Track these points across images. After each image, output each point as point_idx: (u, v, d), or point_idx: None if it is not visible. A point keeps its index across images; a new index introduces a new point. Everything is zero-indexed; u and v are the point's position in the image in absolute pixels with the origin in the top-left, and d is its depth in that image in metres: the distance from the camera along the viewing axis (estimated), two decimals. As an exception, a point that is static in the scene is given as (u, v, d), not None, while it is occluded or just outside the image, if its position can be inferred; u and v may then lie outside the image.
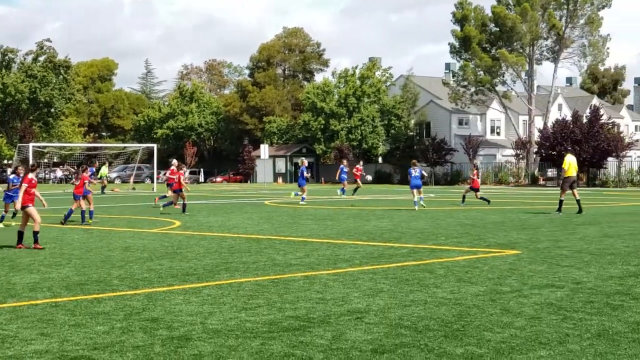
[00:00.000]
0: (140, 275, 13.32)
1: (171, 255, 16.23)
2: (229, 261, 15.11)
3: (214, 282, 12.44)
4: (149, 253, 16.60)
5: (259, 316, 9.71)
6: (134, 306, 10.43)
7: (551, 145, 74.86)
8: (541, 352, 7.86)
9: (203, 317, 9.64)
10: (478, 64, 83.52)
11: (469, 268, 13.94)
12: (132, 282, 12.50)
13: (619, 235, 19.94)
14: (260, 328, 9.04)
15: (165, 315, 9.82)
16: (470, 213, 29.52)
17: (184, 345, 8.23)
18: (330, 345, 8.22)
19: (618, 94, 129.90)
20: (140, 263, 14.92)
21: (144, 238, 20.21)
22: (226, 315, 9.79)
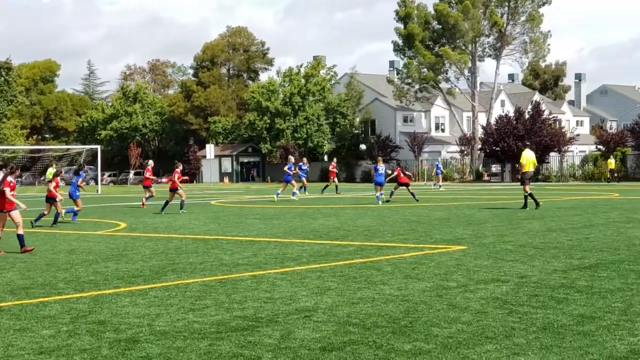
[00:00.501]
0: (86, 278, 13.19)
1: (117, 257, 16.09)
2: (175, 262, 15.02)
3: (160, 284, 12.36)
4: (95, 255, 16.44)
5: (206, 317, 9.67)
6: (80, 309, 10.33)
7: (495, 141, 75.62)
8: (488, 346, 7.94)
9: (150, 319, 9.58)
10: (422, 61, 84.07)
11: (415, 264, 14.02)
12: (78, 285, 12.37)
13: (562, 229, 20.21)
14: (208, 329, 9.01)
15: (112, 317, 9.73)
16: (416, 210, 29.70)
17: (132, 348, 8.16)
18: (279, 344, 8.22)
19: (559, 90, 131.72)
20: (86, 266, 14.77)
21: (89, 240, 20.01)
22: (173, 316, 9.73)
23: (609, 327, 8.68)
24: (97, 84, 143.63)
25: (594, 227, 20.63)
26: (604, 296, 10.51)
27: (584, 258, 14.44)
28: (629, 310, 9.56)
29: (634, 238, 17.71)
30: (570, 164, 77.75)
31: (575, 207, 29.32)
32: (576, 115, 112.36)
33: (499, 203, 33.35)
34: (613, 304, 9.98)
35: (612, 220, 22.73)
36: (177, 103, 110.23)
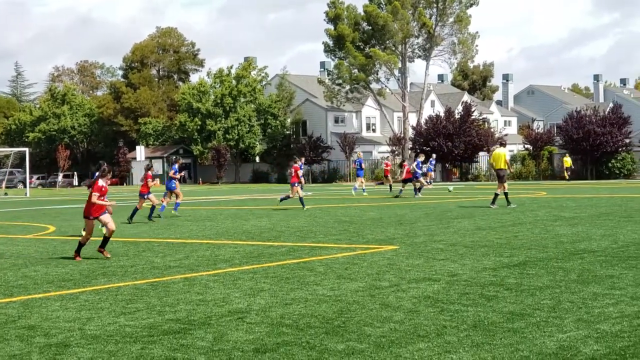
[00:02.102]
0: (15, 282, 12.96)
1: (47, 261, 15.85)
2: (106, 265, 14.86)
3: (91, 287, 12.21)
4: (24, 259, 16.17)
5: (138, 320, 9.58)
6: (9, 314, 10.15)
7: (425, 141, 76.31)
8: (420, 345, 8.01)
9: (81, 323, 9.46)
10: (352, 62, 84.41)
11: (348, 264, 14.07)
12: (6, 290, 12.15)
13: (492, 228, 20.47)
14: (140, 332, 8.93)
15: (42, 322, 9.59)
16: (348, 210, 29.81)
17: (63, 352, 8.05)
18: (212, 346, 8.18)
19: (487, 90, 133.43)
20: (15, 270, 14.52)
21: (18, 244, 19.68)
22: (105, 320, 9.62)
23: (538, 323, 8.81)
24: (24, 85, 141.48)
25: (523, 226, 20.94)
26: (533, 293, 10.67)
27: (513, 256, 14.65)
28: (557, 307, 9.73)
29: (562, 236, 18.02)
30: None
31: (503, 206, 29.70)
32: (504, 115, 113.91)
33: (430, 202, 33.62)
34: (542, 301, 10.14)
35: (540, 219, 23.09)
36: (107, 104, 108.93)
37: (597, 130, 70.25)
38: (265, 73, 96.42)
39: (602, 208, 27.11)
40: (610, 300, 10.05)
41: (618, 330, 8.35)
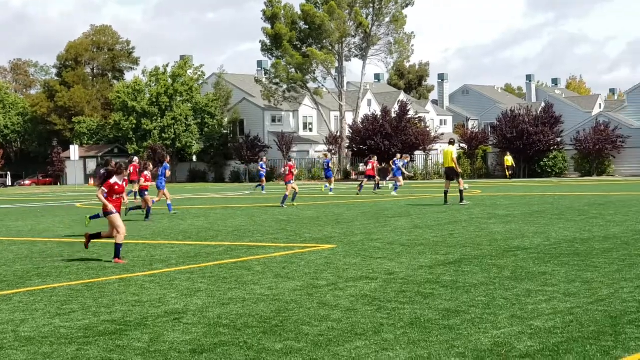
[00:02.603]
0: (-54, 285, 12.72)
1: (-22, 263, 15.58)
2: (40, 266, 14.65)
3: (25, 289, 12.03)
4: (-46, 261, 15.88)
5: (73, 322, 9.48)
6: (-61, 318, 9.96)
7: (362, 140, 76.64)
8: (357, 343, 8.05)
9: (15, 325, 9.32)
10: (289, 61, 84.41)
11: (286, 264, 14.08)
12: (-64, 293, 11.92)
13: (428, 226, 20.65)
14: (76, 334, 8.83)
15: (-26, 325, 9.43)
16: (286, 209, 29.81)
17: (-5, 356, 7.93)
18: (149, 347, 8.12)
19: (423, 90, 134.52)
20: (-55, 272, 14.25)
21: (-52, 246, 19.31)
22: (39, 322, 9.50)
23: (473, 320, 8.92)
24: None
25: (458, 224, 21.16)
26: (468, 290, 10.80)
27: (448, 254, 14.80)
28: (492, 303, 9.85)
29: (496, 233, 18.25)
30: (435, 162, 79.58)
31: (440, 204, 29.98)
32: (440, 114, 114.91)
33: (367, 202, 33.77)
34: (477, 298, 10.26)
35: (474, 217, 23.36)
36: (40, 103, 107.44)
37: (530, 129, 71.27)
38: (202, 72, 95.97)
39: (535, 206, 27.52)
40: (543, 296, 10.21)
41: (551, 327, 8.49)
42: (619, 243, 15.72)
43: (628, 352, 7.41)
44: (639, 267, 12.45)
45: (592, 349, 7.53)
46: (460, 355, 7.49)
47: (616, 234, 17.35)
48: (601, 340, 7.86)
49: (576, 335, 8.07)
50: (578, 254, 14.27)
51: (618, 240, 16.16)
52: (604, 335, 8.03)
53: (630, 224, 19.68)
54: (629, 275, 11.68)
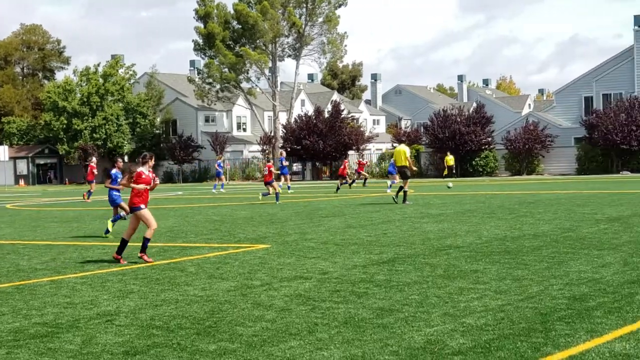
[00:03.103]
0: None
1: None
2: (-32, 269, 14.38)
3: (-48, 293, 11.80)
4: None
5: (3, 324, 9.32)
6: None
7: (296, 140, 76.70)
8: (292, 343, 8.06)
9: (-58, 330, 9.14)
10: (222, 61, 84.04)
11: (219, 264, 14.03)
12: None
13: (362, 226, 20.75)
14: (5, 337, 8.68)
15: None
16: (219, 210, 29.70)
17: None
18: (81, 350, 8.03)
19: (356, 90, 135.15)
20: None
21: None
22: (-32, 326, 9.32)
23: (406, 319, 8.99)
24: None
25: (391, 223, 21.30)
26: (402, 289, 10.88)
27: (382, 253, 14.89)
28: (425, 302, 9.94)
29: (429, 232, 18.41)
30: (368, 162, 79.96)
31: (374, 204, 30.15)
32: (373, 114, 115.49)
33: (301, 201, 33.82)
34: (410, 296, 10.34)
35: (407, 216, 23.53)
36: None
37: (462, 129, 72.03)
38: (133, 71, 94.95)
39: (467, 205, 27.83)
40: (475, 294, 10.33)
41: (483, 324, 8.59)
42: (548, 241, 15.98)
43: (558, 348, 7.54)
44: (568, 264, 12.67)
45: (522, 346, 7.65)
46: (393, 354, 7.54)
47: (545, 232, 17.63)
48: (531, 336, 7.99)
49: (507, 332, 8.19)
50: (509, 251, 14.47)
51: (547, 238, 16.43)
52: (534, 332, 8.16)
53: (559, 221, 20.02)
54: (558, 272, 11.88)
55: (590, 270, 11.95)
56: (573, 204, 26.70)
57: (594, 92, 76.53)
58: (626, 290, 10.28)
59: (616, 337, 7.84)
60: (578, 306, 9.38)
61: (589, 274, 11.61)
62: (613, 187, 38.60)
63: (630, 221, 19.66)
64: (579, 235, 16.71)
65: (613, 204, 25.73)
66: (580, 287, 10.59)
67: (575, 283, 10.92)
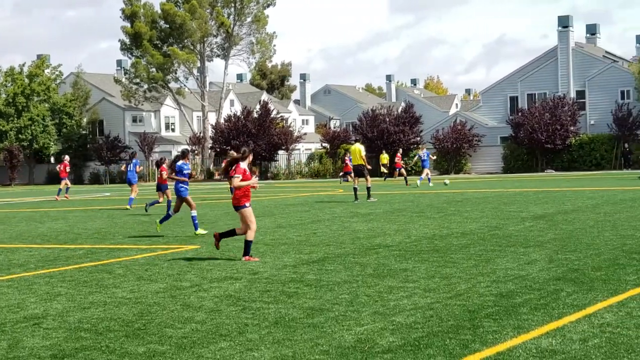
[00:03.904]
0: None
1: None
2: None
3: None
4: None
5: None
6: None
7: (225, 140, 76.43)
8: (222, 344, 8.03)
9: None
10: (150, 60, 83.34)
11: (148, 266, 13.92)
12: None
13: (291, 225, 20.77)
14: None
15: None
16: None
17: None
18: (7, 354, 7.89)
19: (285, 90, 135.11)
20: None
21: None
22: None
23: (337, 318, 9.02)
24: None
25: (321, 223, 21.36)
26: (332, 289, 10.92)
27: (312, 253, 14.93)
28: (355, 301, 9.99)
29: (358, 232, 18.51)
30: (297, 162, 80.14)
31: (304, 204, 30.20)
32: (302, 114, 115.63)
33: (230, 202, 33.71)
34: (340, 295, 10.39)
35: (337, 216, 23.62)
36: None
37: (391, 128, 72.53)
38: (60, 71, 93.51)
39: (396, 204, 28.04)
40: (404, 293, 10.42)
41: (412, 322, 8.67)
42: (476, 239, 16.20)
43: (485, 344, 7.65)
44: (495, 261, 12.86)
45: (451, 343, 7.74)
46: (324, 353, 7.57)
47: (473, 230, 17.86)
48: (460, 334, 8.08)
49: (436, 330, 8.27)
50: (437, 250, 14.63)
51: (475, 236, 16.65)
52: (462, 329, 8.26)
53: (486, 220, 20.30)
54: (486, 270, 12.05)
55: (517, 268, 12.14)
56: (500, 202, 27.09)
57: (519, 92, 77.78)
58: (552, 287, 10.46)
59: (542, 333, 7.98)
60: (505, 303, 9.52)
61: (516, 271, 11.80)
62: (538, 186, 39.27)
63: (555, 219, 20.02)
64: (506, 233, 16.97)
65: (538, 202, 26.17)
66: (507, 284, 10.75)
67: (502, 280, 11.09)
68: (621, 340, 7.59)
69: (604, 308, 9.06)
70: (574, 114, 69.28)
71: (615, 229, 17.08)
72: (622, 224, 18.20)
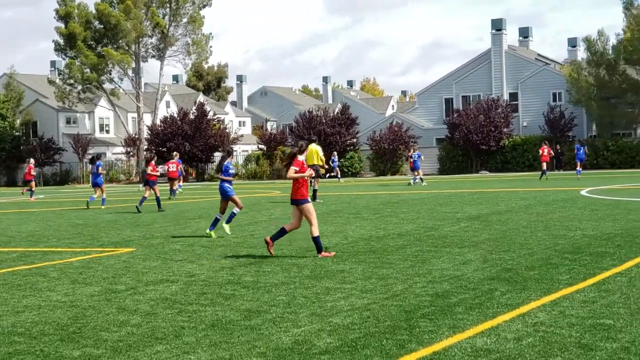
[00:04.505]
0: None
1: None
2: None
3: None
4: None
5: None
6: None
7: (161, 142, 75.91)
8: (158, 347, 7.98)
9: None
10: (84, 61, 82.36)
11: (83, 269, 13.76)
12: None
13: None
14: None
15: None
16: (83, 213, 29.09)
17: None
18: (-63, 360, 7.75)
19: (222, 91, 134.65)
20: None
21: None
22: None
23: (274, 320, 9.02)
24: None
25: (259, 224, 21.33)
26: (269, 290, 10.91)
27: (249, 254, 14.91)
28: (292, 302, 10.00)
29: (295, 233, 18.43)
30: (235, 164, 79.75)
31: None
32: (239, 115, 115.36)
33: (166, 204, 33.45)
34: (277, 297, 10.39)
35: (274, 217, 23.61)
36: None
37: (327, 130, 72.68)
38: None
39: (332, 206, 28.12)
40: (341, 294, 10.46)
41: (349, 323, 8.71)
42: (412, 240, 16.32)
43: (422, 344, 7.71)
44: (431, 262, 12.97)
45: (388, 343, 7.79)
46: (261, 355, 7.56)
47: (409, 231, 17.99)
48: (397, 334, 8.14)
49: (373, 330, 8.32)
50: (374, 251, 14.71)
51: (411, 237, 16.78)
52: (399, 330, 8.32)
53: (422, 221, 20.47)
54: (422, 270, 12.15)
55: (452, 268, 12.27)
56: (435, 203, 27.33)
57: (454, 94, 78.58)
58: (486, 287, 10.59)
59: (477, 333, 8.08)
60: (441, 303, 9.61)
61: (451, 272, 11.92)
62: (472, 187, 39.71)
63: (489, 219, 20.27)
64: (441, 234, 17.13)
65: (473, 203, 26.47)
66: (442, 285, 10.85)
67: (438, 280, 11.19)
68: (554, 339, 7.72)
69: (537, 307, 9.20)
70: (507, 115, 70.18)
71: (547, 229, 17.35)
72: (554, 224, 18.50)
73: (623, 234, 15.91)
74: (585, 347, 7.39)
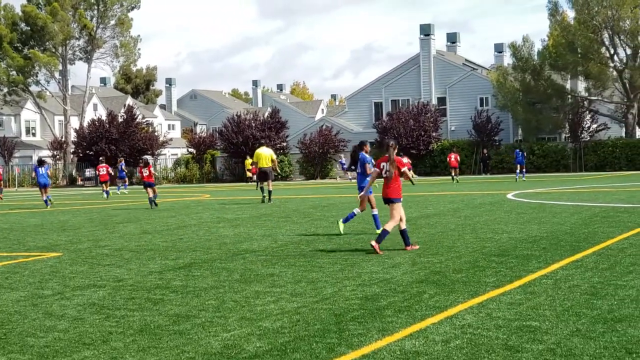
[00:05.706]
0: None
1: None
2: None
3: None
4: None
5: None
6: None
7: (88, 145, 75.02)
8: (85, 353, 7.88)
9: None
10: (10, 63, 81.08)
11: (8, 274, 13.52)
12: None
13: (157, 231, 20.54)
14: None
15: None
16: (8, 217, 28.60)
17: None
18: None
19: (151, 94, 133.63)
20: None
21: None
22: None
23: (203, 324, 8.98)
24: None
25: (188, 228, 21.21)
26: (198, 294, 10.86)
27: (178, 258, 14.81)
28: (221, 306, 9.97)
29: (225, 237, 18.46)
30: (164, 167, 79.34)
31: (170, 209, 29.92)
32: (168, 119, 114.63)
33: (94, 208, 33.08)
34: (207, 301, 10.34)
35: (204, 221, 23.50)
36: None
37: (257, 134, 72.55)
38: None
39: (262, 209, 28.08)
40: (271, 297, 10.46)
41: (279, 327, 8.71)
42: (342, 243, 16.39)
43: (351, 348, 7.75)
44: (360, 265, 13.04)
45: (318, 347, 7.81)
46: (190, 360, 7.52)
47: (339, 235, 18.05)
48: (326, 337, 8.17)
49: (303, 334, 8.34)
50: (304, 255, 14.73)
51: (341, 241, 16.84)
52: (328, 333, 8.35)
53: (352, 224, 20.54)
54: (351, 274, 12.21)
55: (382, 271, 12.35)
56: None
57: (383, 98, 79.14)
58: (415, 290, 10.69)
59: (406, 335, 8.14)
60: (370, 306, 9.67)
61: (380, 275, 11.99)
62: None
63: (418, 222, 20.46)
64: (371, 238, 17.21)
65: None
66: (372, 288, 10.92)
67: (367, 284, 11.25)
68: (481, 341, 7.82)
69: (465, 309, 9.31)
70: (436, 120, 70.96)
71: (475, 232, 17.58)
72: (481, 227, 18.75)
73: (548, 237, 16.19)
74: (511, 349, 7.51)
